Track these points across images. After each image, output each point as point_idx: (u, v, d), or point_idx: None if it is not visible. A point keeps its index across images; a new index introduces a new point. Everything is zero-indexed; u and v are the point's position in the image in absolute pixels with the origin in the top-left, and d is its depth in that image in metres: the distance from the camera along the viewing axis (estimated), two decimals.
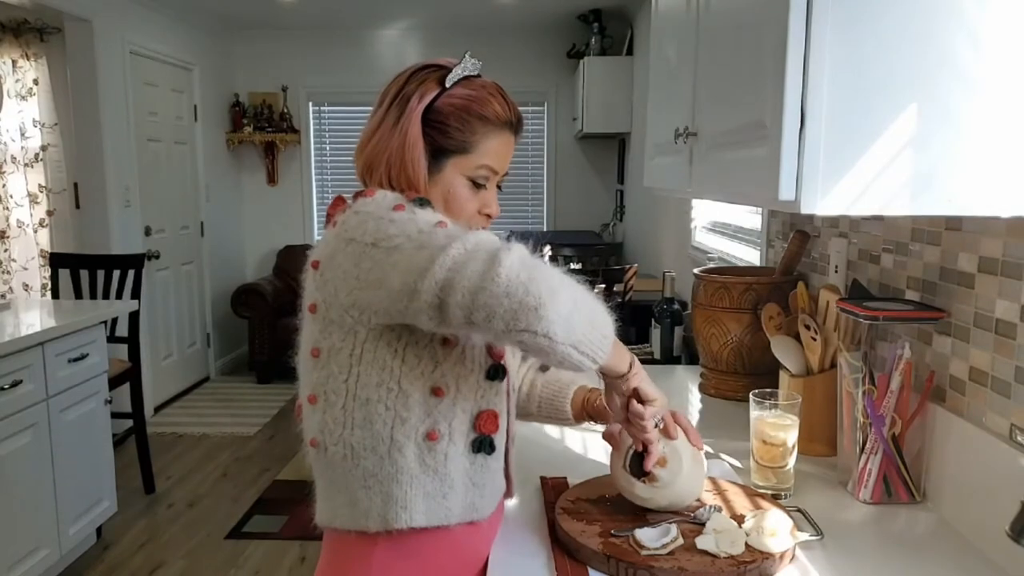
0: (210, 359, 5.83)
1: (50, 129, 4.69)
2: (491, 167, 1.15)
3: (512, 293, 0.87)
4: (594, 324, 0.94)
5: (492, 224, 1.21)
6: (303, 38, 6.00)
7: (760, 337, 1.74)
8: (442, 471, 1.07)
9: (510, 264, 0.88)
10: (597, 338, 0.95)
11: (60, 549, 2.80)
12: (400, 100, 1.12)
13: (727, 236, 3.09)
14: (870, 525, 1.25)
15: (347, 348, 1.05)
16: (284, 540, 3.31)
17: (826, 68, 0.95)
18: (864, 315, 1.30)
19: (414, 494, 1.06)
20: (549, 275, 0.90)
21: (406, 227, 0.98)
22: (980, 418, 1.21)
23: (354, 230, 1.02)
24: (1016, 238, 1.12)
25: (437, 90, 1.12)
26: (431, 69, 1.14)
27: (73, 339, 2.89)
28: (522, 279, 0.88)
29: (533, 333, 0.89)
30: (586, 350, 0.94)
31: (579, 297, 0.93)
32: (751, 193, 1.11)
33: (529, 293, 0.87)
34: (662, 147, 1.74)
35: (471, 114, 1.12)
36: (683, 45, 1.56)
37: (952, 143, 0.95)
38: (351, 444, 1.07)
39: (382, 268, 0.98)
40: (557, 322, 0.89)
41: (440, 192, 1.14)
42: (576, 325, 0.91)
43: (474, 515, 1.12)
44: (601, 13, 5.37)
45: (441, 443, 1.07)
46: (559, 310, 0.88)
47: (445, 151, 1.13)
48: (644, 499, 1.19)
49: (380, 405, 1.05)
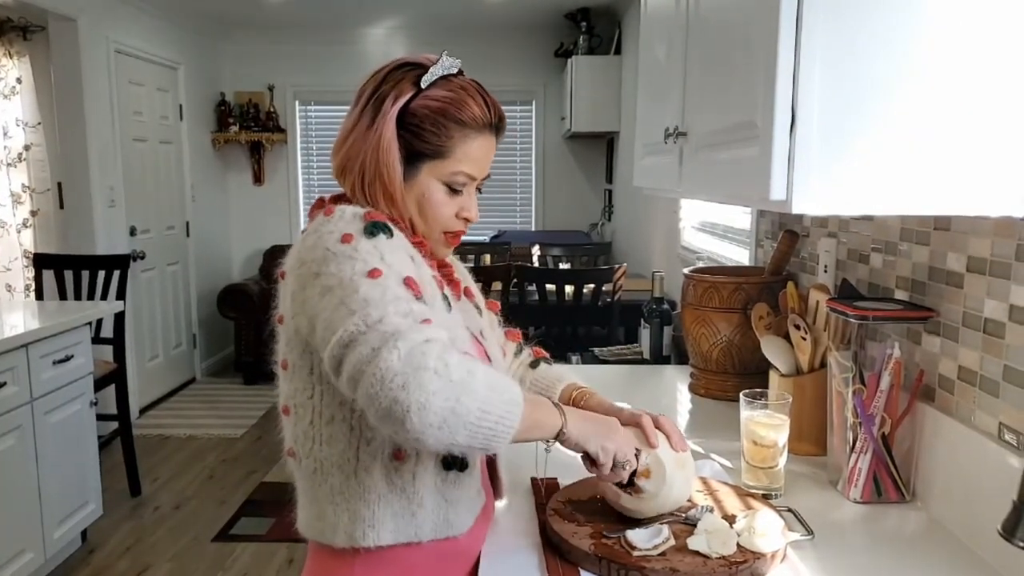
0: (196, 360, 5.79)
1: (33, 128, 4.65)
2: (468, 173, 1.11)
3: (382, 397, 0.86)
4: (482, 421, 0.90)
5: (471, 227, 1.19)
6: (290, 37, 5.97)
7: (750, 337, 1.74)
8: (410, 490, 1.06)
9: (387, 366, 0.86)
10: (486, 433, 0.91)
11: (45, 552, 2.77)
12: (375, 101, 1.09)
13: (716, 236, 3.10)
14: (860, 524, 1.26)
15: (306, 367, 1.05)
16: (271, 543, 3.28)
17: (817, 67, 0.95)
18: (854, 315, 1.30)
19: (382, 513, 1.05)
20: (425, 382, 0.86)
21: (342, 269, 0.97)
22: (969, 417, 1.21)
23: (307, 252, 1.02)
24: (1004, 237, 1.12)
25: (412, 91, 1.08)
26: (407, 68, 1.10)
27: (57, 340, 2.86)
28: (393, 385, 0.86)
29: (403, 438, 0.89)
30: (474, 444, 0.91)
31: (463, 401, 0.88)
32: (742, 193, 1.11)
33: (397, 402, 0.86)
34: (652, 147, 1.74)
35: (447, 117, 1.08)
36: (672, 45, 1.56)
37: (942, 143, 0.96)
38: (320, 459, 1.06)
39: (315, 307, 0.97)
40: (426, 433, 0.87)
41: (415, 197, 1.11)
42: (455, 431, 0.88)
43: (449, 531, 1.09)
44: (589, 12, 5.37)
45: (408, 463, 1.05)
46: (428, 421, 0.86)
47: (420, 155, 1.09)
48: (632, 510, 1.17)
49: (344, 424, 1.04)
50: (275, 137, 6.02)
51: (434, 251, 1.15)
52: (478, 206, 1.17)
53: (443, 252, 1.18)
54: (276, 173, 6.23)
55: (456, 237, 1.16)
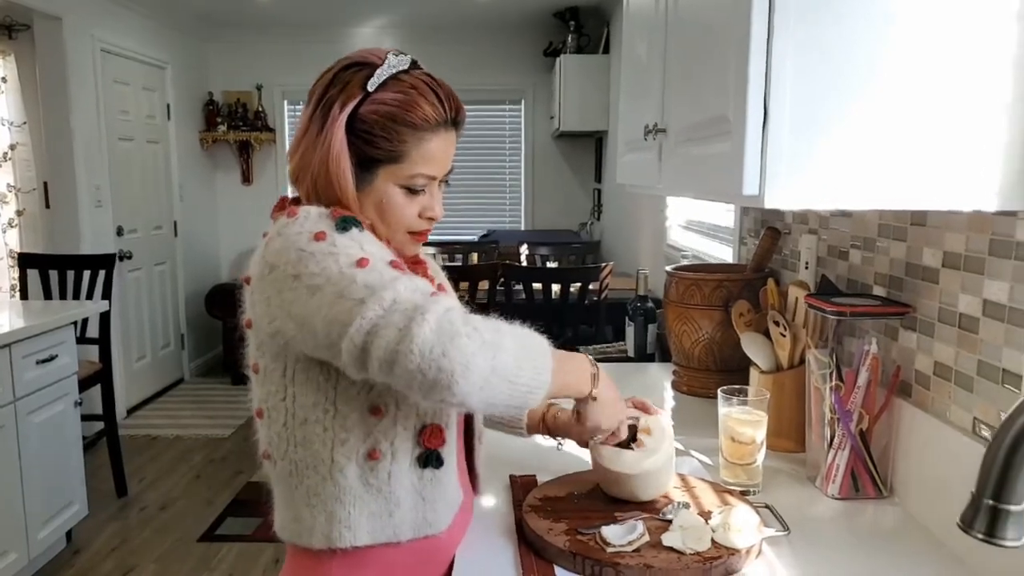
0: (184, 360, 5.77)
1: (19, 128, 4.61)
2: (426, 174, 1.07)
3: (424, 370, 0.86)
4: (517, 378, 0.92)
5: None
6: (278, 36, 5.95)
7: (731, 334, 1.74)
8: (386, 490, 1.05)
9: (423, 339, 0.86)
10: (522, 391, 0.93)
11: (28, 553, 2.75)
12: (323, 106, 1.04)
13: (702, 234, 3.10)
14: (837, 520, 1.26)
15: (279, 369, 1.04)
16: (258, 543, 3.27)
17: (789, 62, 0.95)
18: (831, 311, 1.30)
19: (358, 514, 1.04)
20: (463, 346, 0.87)
21: (327, 265, 0.95)
22: (944, 412, 1.22)
23: (276, 256, 0.99)
24: (977, 232, 1.12)
25: (360, 95, 1.03)
26: (355, 69, 1.05)
27: (41, 340, 2.85)
28: (434, 355, 0.86)
29: (449, 403, 0.90)
30: (512, 403, 0.93)
31: (499, 359, 0.90)
32: (716, 188, 1.11)
33: (442, 371, 0.86)
34: (633, 144, 1.74)
35: (397, 122, 1.03)
36: (652, 42, 1.56)
37: (912, 138, 0.96)
38: (295, 461, 1.06)
39: (305, 307, 0.95)
40: (471, 393, 0.88)
41: (373, 202, 1.07)
42: (496, 389, 0.90)
43: (428, 530, 1.09)
44: (578, 11, 5.37)
45: (383, 462, 1.04)
46: (472, 382, 0.87)
47: (374, 160, 1.05)
48: (629, 472, 1.18)
49: (318, 426, 1.03)
50: (263, 137, 5.99)
51: (401, 250, 1.11)
52: (443, 203, 1.14)
53: (411, 250, 1.14)
54: (264, 173, 6.21)
55: (423, 235, 1.13)
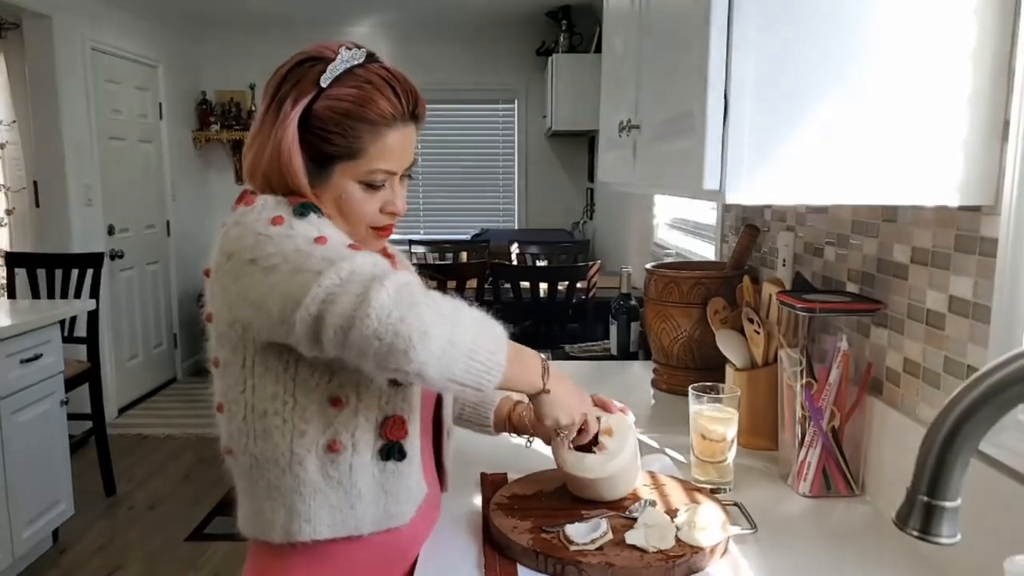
0: (177, 360, 5.76)
1: (8, 126, 4.60)
2: (385, 170, 1.05)
3: (381, 335, 0.85)
4: (474, 355, 0.91)
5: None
6: (271, 35, 5.93)
7: (709, 332, 1.73)
8: (347, 482, 1.04)
9: (380, 304, 0.85)
10: (478, 368, 0.92)
11: (13, 552, 2.75)
12: (276, 103, 1.03)
13: (686, 232, 3.10)
14: (807, 518, 1.25)
15: (238, 361, 1.03)
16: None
17: (751, 57, 0.95)
18: (801, 307, 1.29)
19: (317, 507, 1.03)
20: (421, 313, 0.86)
21: (283, 246, 0.94)
22: (913, 409, 1.21)
23: (233, 243, 0.99)
24: (943, 228, 1.12)
25: (314, 91, 1.01)
26: (310, 64, 1.03)
27: (26, 339, 2.84)
28: (392, 320, 0.85)
29: (405, 372, 0.88)
30: (467, 381, 0.92)
31: (457, 331, 0.89)
32: (680, 183, 1.11)
33: (399, 335, 0.85)
34: (611, 141, 1.73)
35: (352, 118, 1.01)
36: (628, 39, 1.56)
37: (873, 133, 0.95)
38: (255, 455, 1.05)
39: (260, 289, 0.95)
40: (429, 363, 0.87)
41: (331, 199, 1.05)
42: (453, 361, 0.89)
43: (390, 523, 1.08)
44: (570, 10, 5.36)
45: (344, 454, 1.03)
46: (430, 350, 0.86)
47: (330, 157, 1.03)
48: (594, 476, 1.16)
49: (277, 418, 1.02)
50: None
51: (364, 247, 1.08)
52: (406, 198, 1.12)
53: (375, 246, 1.12)
54: None
55: (386, 230, 1.11)
